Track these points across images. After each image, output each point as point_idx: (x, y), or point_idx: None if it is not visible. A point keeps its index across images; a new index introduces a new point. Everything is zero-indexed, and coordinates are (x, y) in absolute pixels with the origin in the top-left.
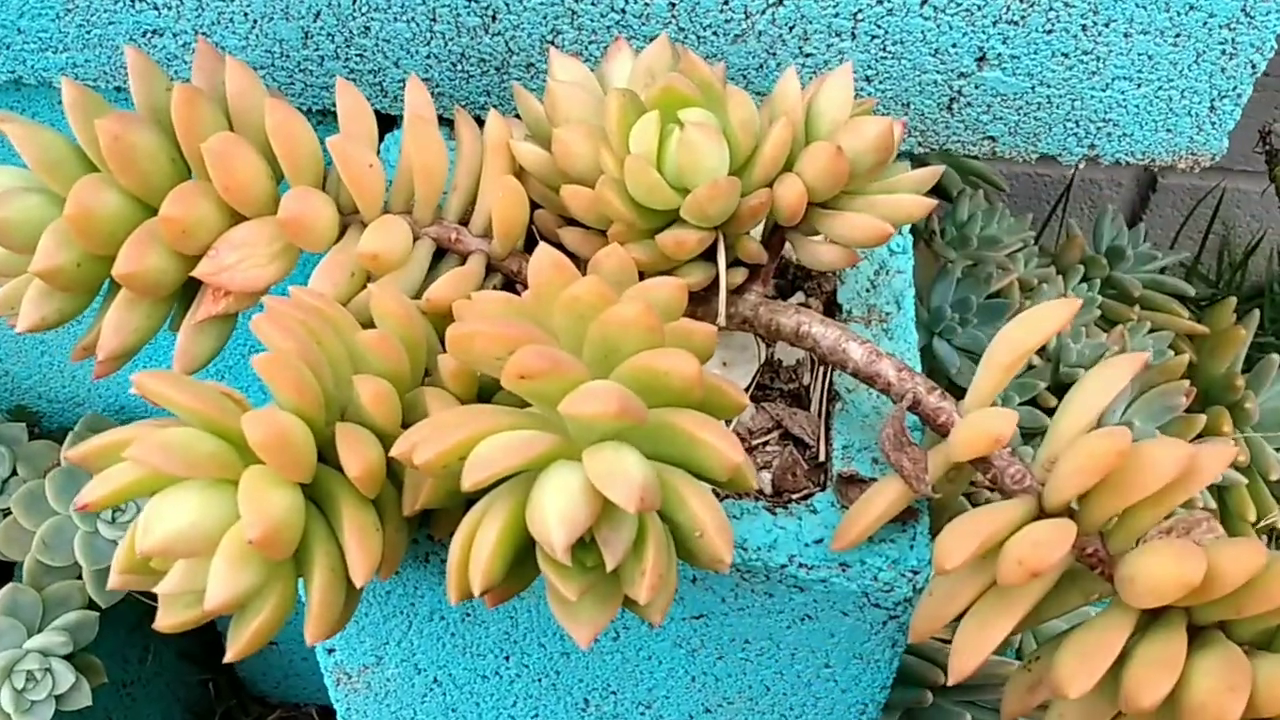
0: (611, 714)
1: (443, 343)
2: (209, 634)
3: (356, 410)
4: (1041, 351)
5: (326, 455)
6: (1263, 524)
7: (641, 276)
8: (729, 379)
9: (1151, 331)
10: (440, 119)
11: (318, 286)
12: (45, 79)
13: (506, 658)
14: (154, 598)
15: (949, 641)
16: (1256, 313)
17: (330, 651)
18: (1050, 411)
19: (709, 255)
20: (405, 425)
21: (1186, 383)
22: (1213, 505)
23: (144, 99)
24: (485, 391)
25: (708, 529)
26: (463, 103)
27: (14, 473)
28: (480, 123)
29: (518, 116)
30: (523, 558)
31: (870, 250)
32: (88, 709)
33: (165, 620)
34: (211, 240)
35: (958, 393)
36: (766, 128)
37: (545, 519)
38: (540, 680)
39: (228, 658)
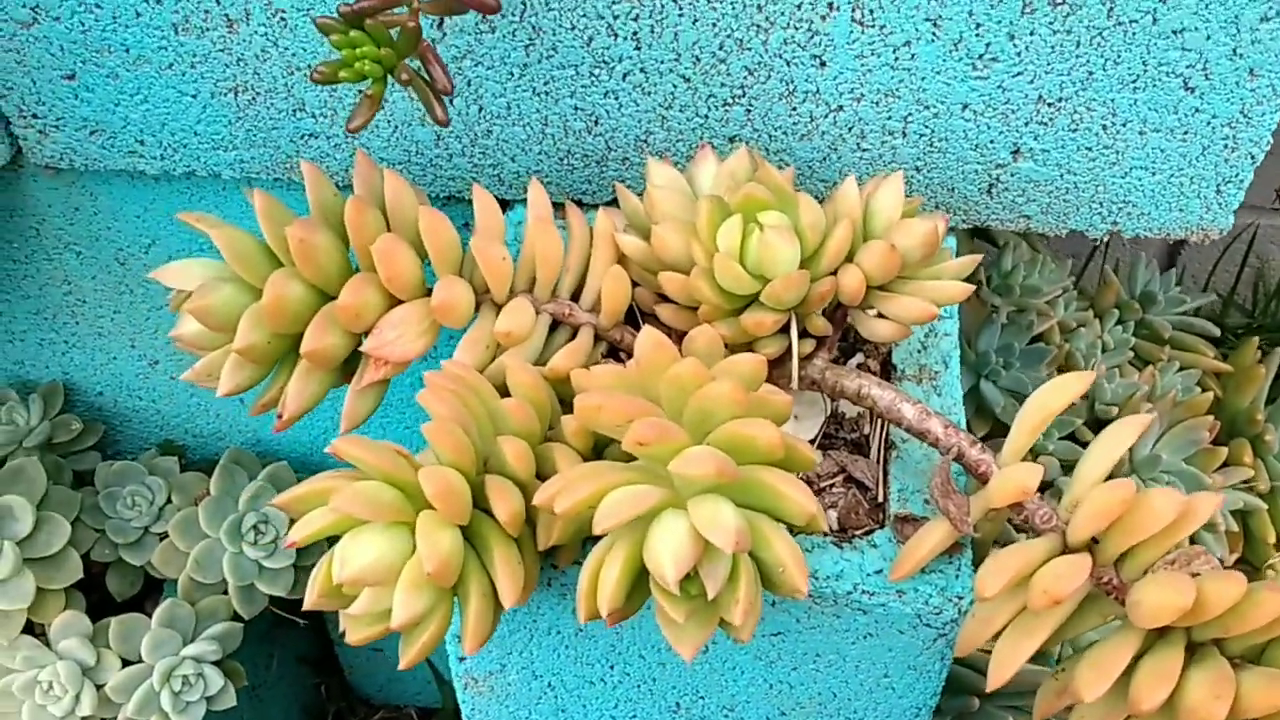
0: (699, 716)
1: (563, 403)
2: (323, 643)
3: (500, 463)
4: None
5: (477, 499)
6: None
7: (727, 347)
8: (800, 437)
9: (1180, 370)
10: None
11: (461, 358)
12: (215, 172)
13: (611, 666)
14: (283, 607)
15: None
16: (1278, 351)
17: (461, 660)
18: (1087, 445)
19: (784, 329)
20: (538, 475)
21: (1210, 418)
22: (1235, 529)
23: (316, 202)
24: (600, 444)
25: (789, 565)
26: (567, 190)
27: (169, 500)
28: (582, 205)
29: (615, 204)
30: (636, 586)
31: None
32: (231, 709)
33: (353, 636)
34: (374, 320)
35: (1002, 430)
36: (831, 225)
37: (660, 558)
38: (639, 686)
39: (401, 666)
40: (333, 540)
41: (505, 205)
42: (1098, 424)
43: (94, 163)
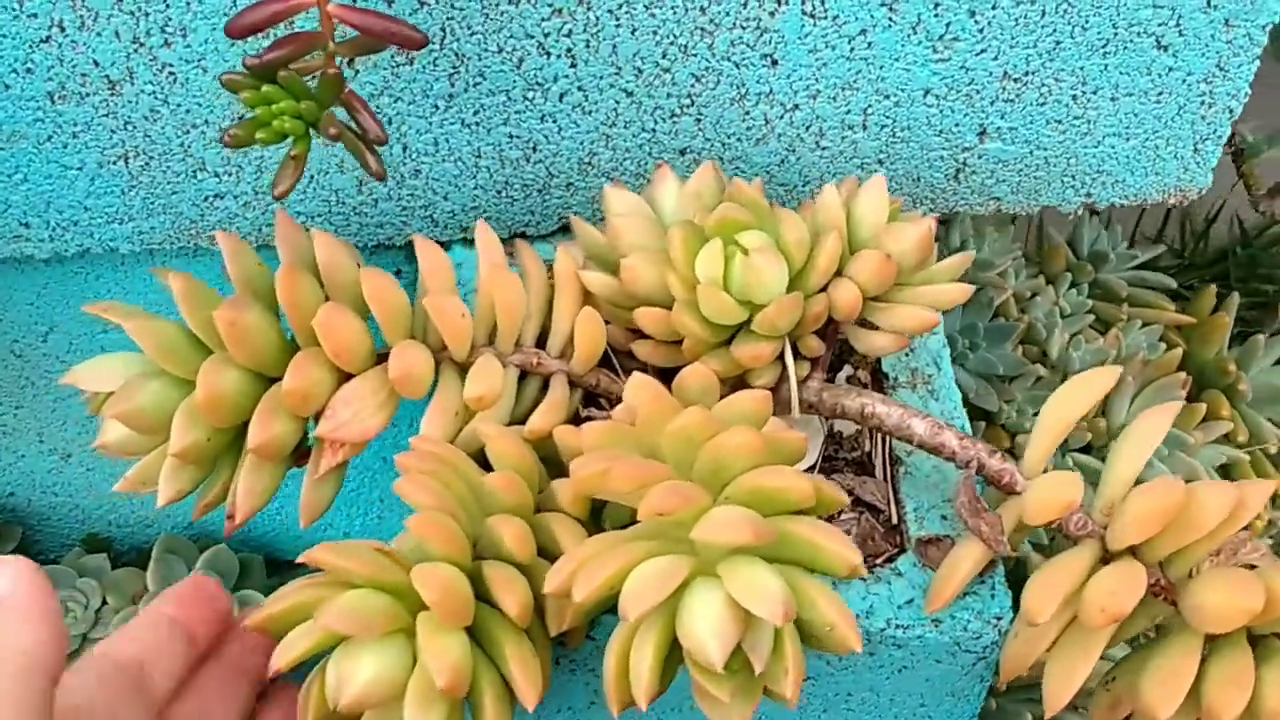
0: None
1: (545, 460)
2: None
3: (496, 547)
4: (1044, 360)
5: (476, 589)
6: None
7: (721, 381)
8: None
9: (1143, 327)
10: None
11: (429, 433)
12: (112, 248)
13: None
14: None
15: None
16: (1236, 295)
17: None
18: None
19: (776, 356)
20: (538, 553)
21: (1183, 374)
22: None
23: (240, 276)
24: (596, 504)
25: (839, 624)
26: (508, 223)
27: (104, 602)
28: (527, 237)
29: (564, 231)
30: (667, 662)
31: None
32: None
33: None
34: (325, 399)
35: (977, 414)
36: (816, 239)
37: (701, 638)
38: None
39: None
40: None
41: (443, 246)
42: None
43: None
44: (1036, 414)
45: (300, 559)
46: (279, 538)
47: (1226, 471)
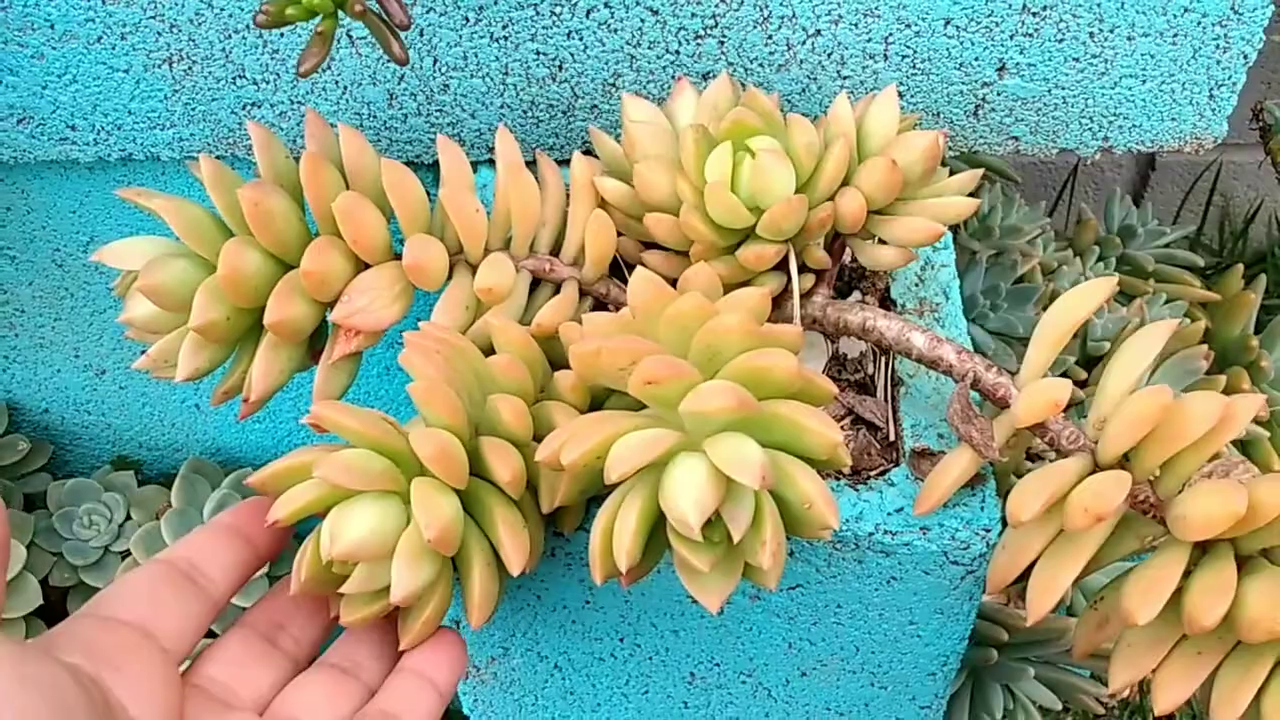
0: (715, 684)
1: (553, 363)
2: None
3: (493, 425)
4: None
5: (473, 465)
6: None
7: (725, 289)
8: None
9: (1167, 302)
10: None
11: (440, 320)
12: (153, 154)
13: (621, 639)
14: None
15: (1008, 605)
16: (1263, 277)
17: None
18: (1081, 384)
19: (780, 266)
20: (535, 437)
21: (1204, 347)
22: (1239, 459)
23: (268, 167)
24: (598, 399)
25: (816, 500)
26: (533, 144)
27: (129, 517)
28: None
29: (589, 154)
30: (652, 540)
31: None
32: None
33: (349, 616)
34: (342, 288)
35: None
36: (824, 148)
37: (679, 502)
38: (651, 659)
39: (402, 646)
40: (301, 536)
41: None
42: (1090, 362)
43: (24, 154)
44: (1060, 374)
45: (306, 419)
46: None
47: (1245, 448)
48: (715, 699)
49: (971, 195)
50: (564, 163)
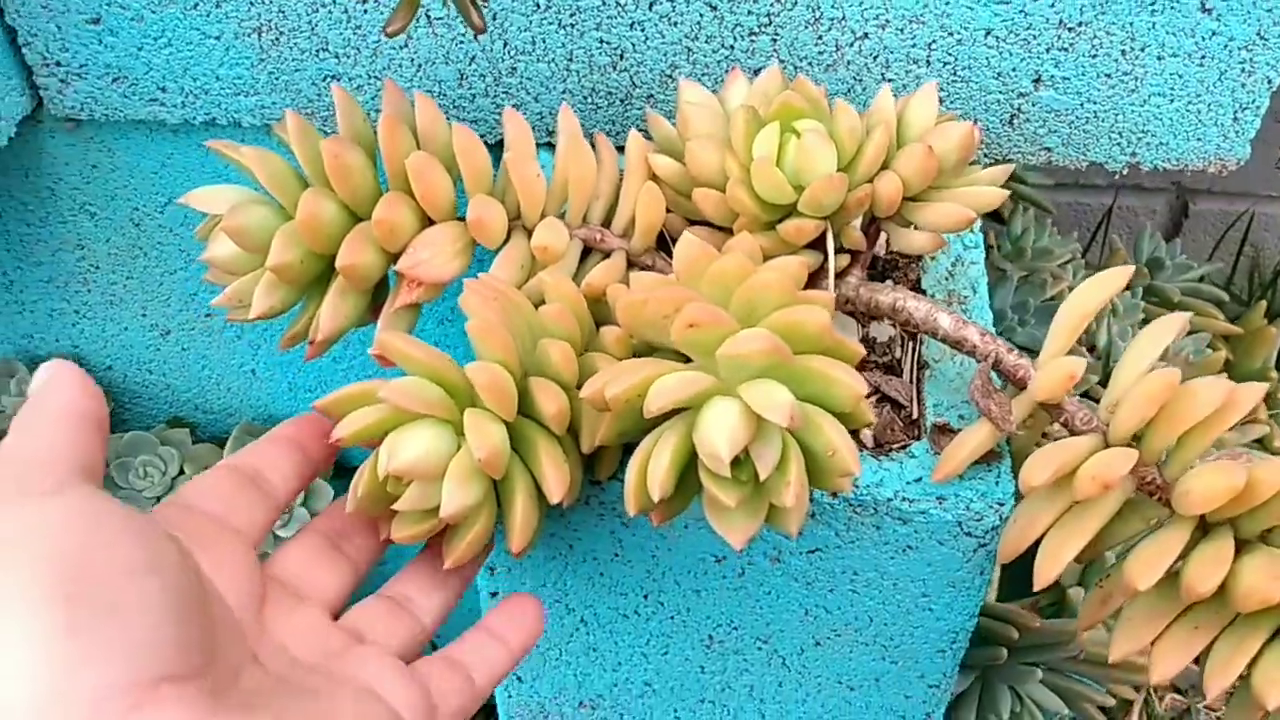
0: (733, 649)
1: (598, 324)
2: None
3: (542, 367)
4: (1093, 350)
5: (521, 404)
6: None
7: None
8: None
9: (1191, 333)
10: None
11: (497, 274)
12: (235, 120)
13: (645, 596)
14: None
15: (1020, 608)
16: None
17: (493, 594)
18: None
19: (817, 245)
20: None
21: (1224, 376)
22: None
23: (347, 127)
24: (639, 355)
25: (840, 448)
26: (590, 129)
27: (182, 471)
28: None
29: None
30: (684, 481)
31: (948, 245)
32: None
33: (400, 533)
34: (408, 240)
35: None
36: (866, 133)
37: (712, 437)
38: (673, 618)
39: (446, 565)
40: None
41: None
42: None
43: (115, 113)
44: (1080, 395)
45: (372, 350)
46: None
47: None
48: (731, 665)
49: (991, 218)
50: (620, 148)
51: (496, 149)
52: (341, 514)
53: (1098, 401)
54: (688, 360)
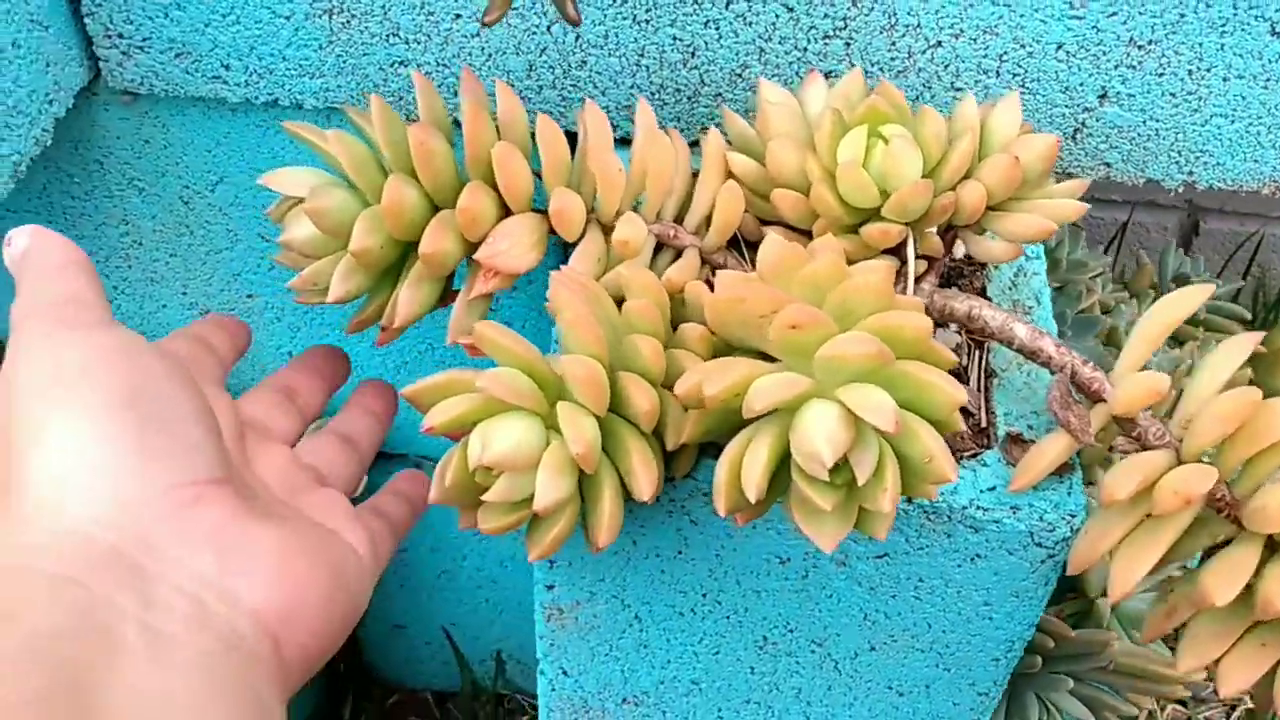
0: (785, 651)
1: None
2: None
3: (629, 363)
4: None
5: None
6: None
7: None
8: None
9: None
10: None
11: (576, 267)
12: (298, 101)
13: (704, 595)
14: None
15: (1052, 615)
16: None
17: (550, 588)
18: None
19: (895, 251)
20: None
21: None
22: None
23: (428, 114)
24: (719, 355)
25: (937, 454)
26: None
27: None
28: None
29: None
30: (774, 482)
31: None
32: None
33: (488, 524)
34: (488, 229)
35: None
36: (949, 141)
37: (814, 440)
38: (729, 618)
39: (531, 558)
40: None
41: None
42: None
43: (175, 89)
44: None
45: (456, 339)
46: (410, 436)
47: None
48: (782, 667)
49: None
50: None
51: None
52: (297, 370)
53: None
54: (772, 360)
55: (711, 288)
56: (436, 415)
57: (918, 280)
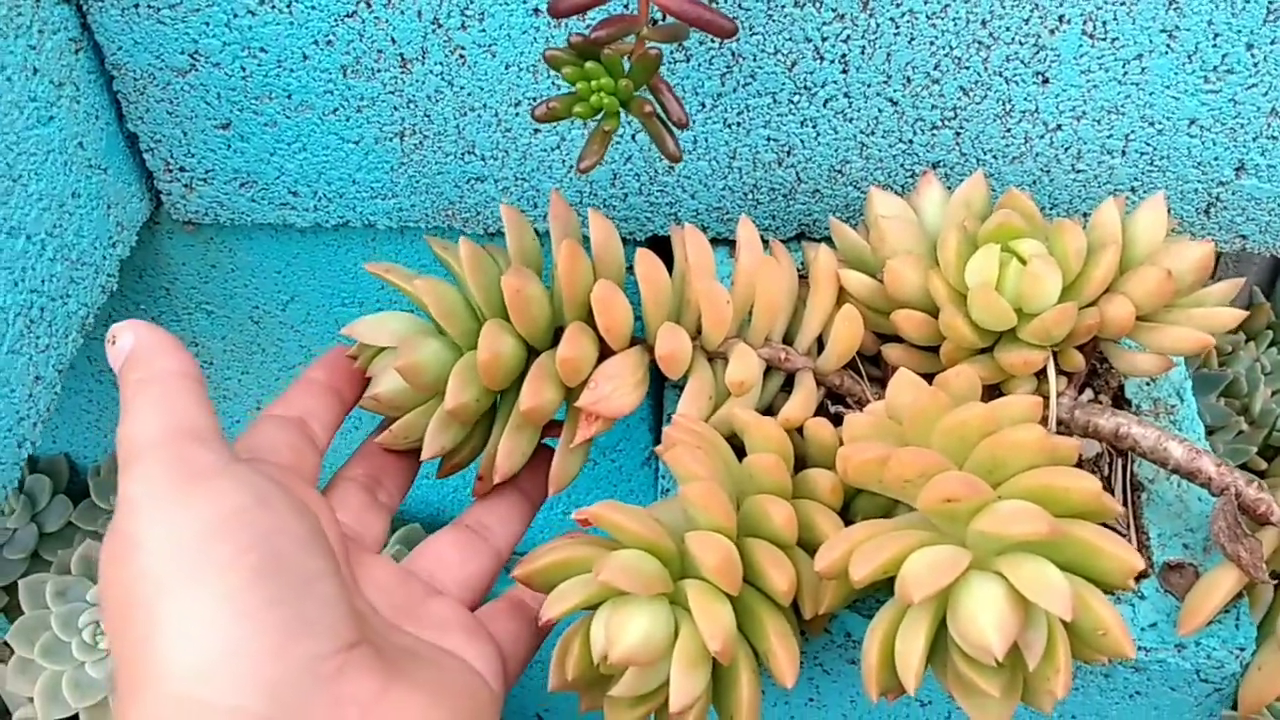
0: None
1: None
2: None
3: (757, 527)
4: (1246, 413)
5: None
6: None
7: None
8: None
9: None
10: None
11: (686, 411)
12: (370, 222)
13: None
14: None
15: None
16: None
17: None
18: (1260, 474)
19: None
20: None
21: None
22: None
23: (517, 248)
24: (848, 496)
25: (1113, 628)
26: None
27: None
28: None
29: (798, 239)
30: (930, 655)
31: None
32: None
33: (615, 718)
34: (588, 373)
35: None
36: (1089, 252)
37: (982, 630)
38: None
39: None
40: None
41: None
42: (1271, 452)
43: (241, 217)
44: (1239, 465)
45: (579, 514)
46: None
47: None
48: None
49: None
50: (784, 242)
51: (649, 245)
52: (373, 458)
53: (1258, 473)
54: (911, 509)
55: (829, 416)
56: (555, 605)
57: (1059, 395)
